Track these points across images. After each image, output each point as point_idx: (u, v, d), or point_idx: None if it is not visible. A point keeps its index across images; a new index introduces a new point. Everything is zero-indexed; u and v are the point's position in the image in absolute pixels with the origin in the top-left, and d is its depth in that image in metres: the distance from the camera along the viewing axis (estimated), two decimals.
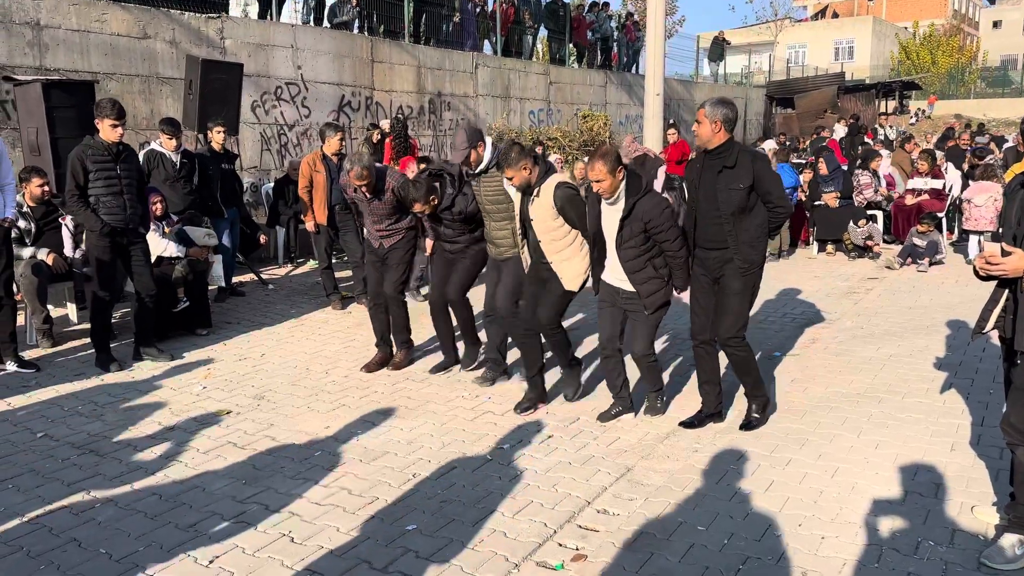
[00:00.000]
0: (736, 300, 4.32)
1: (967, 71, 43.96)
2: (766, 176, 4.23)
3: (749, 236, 4.25)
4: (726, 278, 4.31)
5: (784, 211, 4.32)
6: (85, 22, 8.64)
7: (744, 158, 4.23)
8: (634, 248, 4.35)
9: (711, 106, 4.22)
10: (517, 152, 4.57)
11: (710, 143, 4.24)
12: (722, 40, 25.29)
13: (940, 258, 9.33)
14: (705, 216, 4.29)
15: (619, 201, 4.33)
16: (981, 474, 3.80)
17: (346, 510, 3.53)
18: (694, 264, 4.43)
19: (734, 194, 4.17)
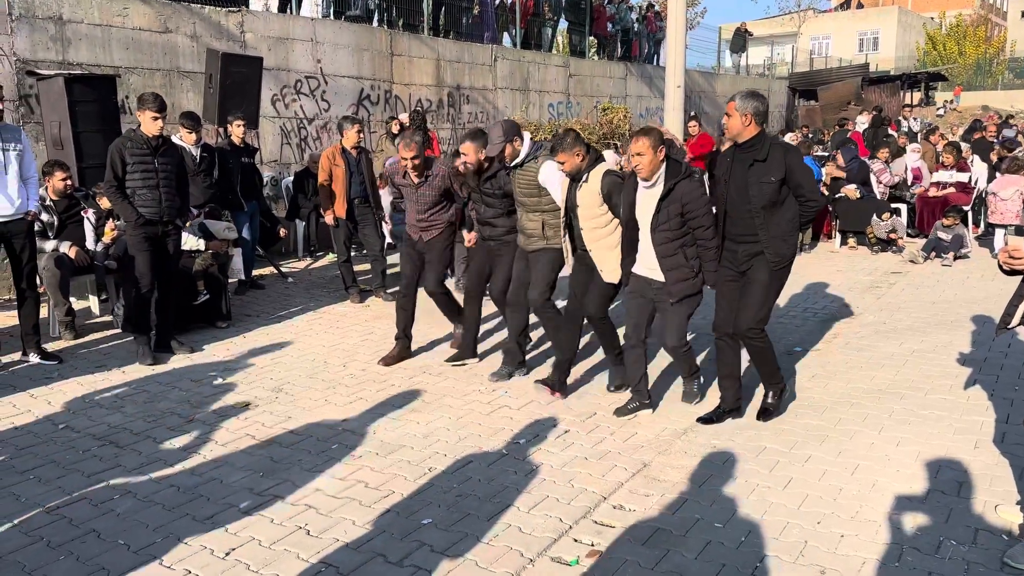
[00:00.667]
0: (761, 292, 4.29)
1: (994, 62, 43.22)
2: (798, 169, 4.19)
3: (780, 230, 4.23)
4: (753, 270, 4.29)
5: (816, 205, 4.28)
6: (107, 17, 8.71)
7: (776, 151, 4.20)
8: (668, 232, 4.36)
9: (741, 99, 4.22)
10: (572, 138, 4.69)
11: (741, 136, 4.24)
12: (744, 31, 25.04)
13: (965, 252, 9.19)
14: (736, 209, 4.27)
15: (657, 184, 4.36)
16: (1005, 472, 3.74)
17: (362, 503, 3.53)
18: (722, 258, 4.41)
19: (765, 187, 4.15)
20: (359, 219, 7.41)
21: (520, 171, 5.08)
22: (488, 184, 5.31)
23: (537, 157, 5.07)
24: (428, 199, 5.63)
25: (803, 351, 5.81)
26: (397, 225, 8.42)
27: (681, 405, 4.73)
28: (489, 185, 5.31)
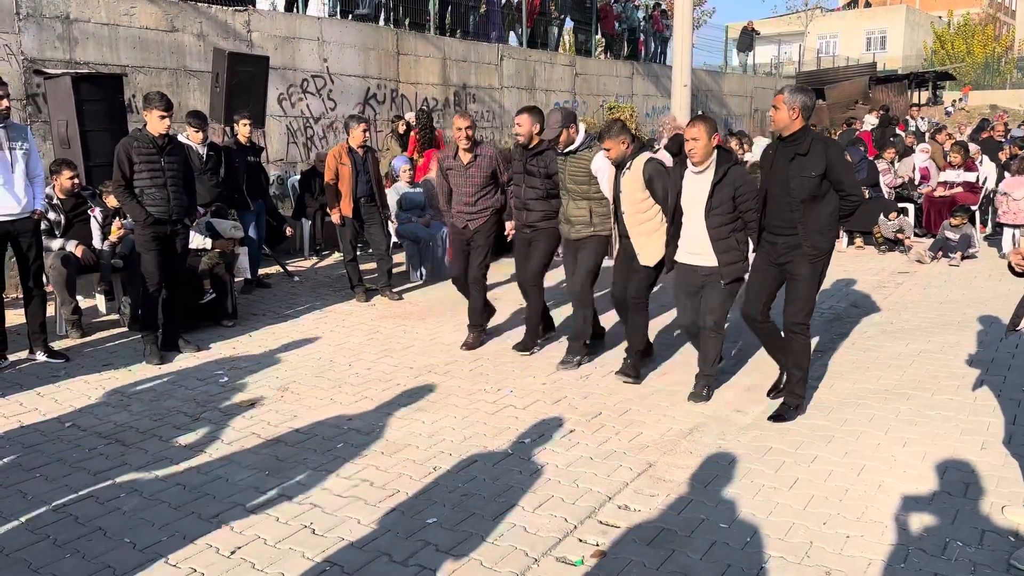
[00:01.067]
0: (804, 287, 4.37)
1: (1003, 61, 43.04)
2: (839, 164, 4.24)
3: (819, 224, 4.29)
4: (794, 264, 4.36)
5: (856, 200, 4.32)
6: (114, 16, 8.73)
7: (817, 146, 4.25)
8: (720, 216, 4.52)
9: (790, 92, 4.31)
10: (619, 127, 4.98)
11: (787, 129, 4.31)
12: (751, 30, 24.96)
13: (973, 252, 9.15)
14: (776, 202, 4.36)
15: (708, 170, 4.54)
16: (1012, 473, 3.72)
17: (367, 502, 3.54)
18: (759, 247, 4.55)
19: (806, 181, 4.22)
20: (365, 218, 7.41)
21: (574, 158, 5.29)
22: (534, 161, 5.50)
23: (591, 147, 5.29)
24: (477, 180, 5.82)
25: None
26: (403, 224, 8.43)
27: (686, 405, 4.72)
28: (535, 162, 5.50)
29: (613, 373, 5.24)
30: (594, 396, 4.89)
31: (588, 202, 5.31)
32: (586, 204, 5.31)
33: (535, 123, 5.43)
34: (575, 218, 5.36)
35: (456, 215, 5.94)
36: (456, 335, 6.31)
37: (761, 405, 4.69)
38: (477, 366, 5.52)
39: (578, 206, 5.33)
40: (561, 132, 5.24)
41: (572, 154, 5.30)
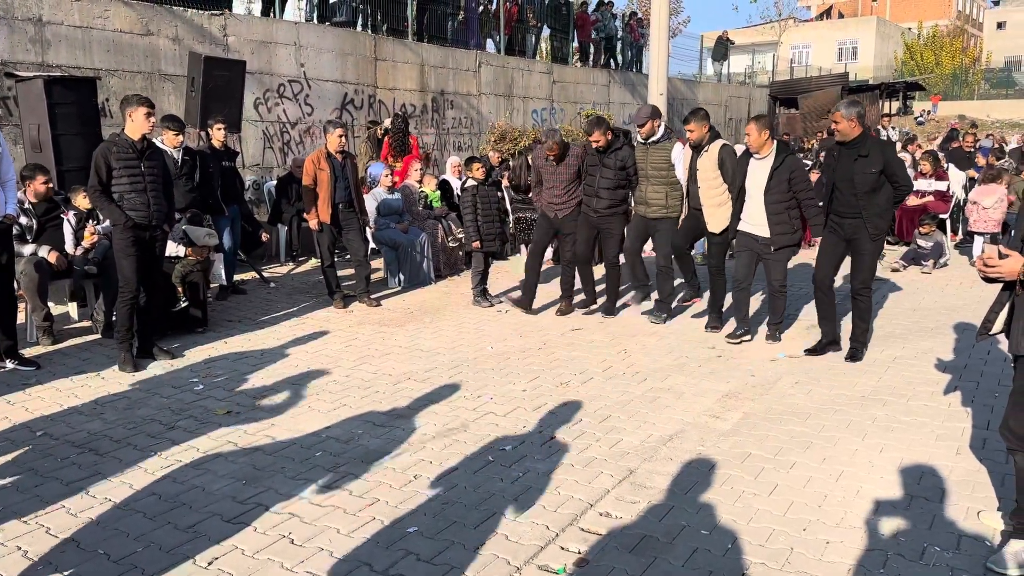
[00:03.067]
0: (868, 258, 5.52)
1: (971, 72, 43.87)
2: (893, 162, 5.32)
3: (879, 209, 5.37)
4: (859, 242, 5.45)
5: (907, 190, 5.44)
6: (87, 19, 8.62)
7: (875, 148, 5.33)
8: (778, 194, 5.67)
9: (847, 107, 5.33)
10: (703, 115, 6.26)
11: (850, 136, 5.33)
12: (726, 40, 25.21)
13: (944, 260, 9.29)
14: (843, 193, 5.42)
15: (768, 157, 5.70)
16: (986, 478, 3.77)
17: (347, 511, 3.50)
18: (827, 228, 5.61)
19: (868, 177, 5.27)
20: (343, 224, 7.37)
21: (656, 147, 6.44)
22: (611, 157, 6.52)
23: (671, 138, 6.44)
24: (565, 176, 6.78)
25: (785, 357, 5.84)
26: (381, 230, 8.39)
27: (666, 412, 4.73)
28: (612, 158, 6.52)
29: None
30: (574, 403, 4.89)
31: (666, 187, 6.41)
32: (664, 189, 6.41)
33: (605, 133, 6.47)
34: (652, 200, 6.49)
35: (545, 208, 7.01)
36: (434, 341, 6.29)
37: (739, 412, 4.72)
38: (457, 373, 5.50)
39: (656, 190, 6.44)
40: (648, 122, 6.32)
41: (655, 144, 6.41)
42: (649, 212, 6.54)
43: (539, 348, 6.11)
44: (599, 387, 5.18)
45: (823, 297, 5.75)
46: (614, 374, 5.46)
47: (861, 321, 5.72)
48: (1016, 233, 3.13)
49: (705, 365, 5.67)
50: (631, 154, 6.58)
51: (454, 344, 6.23)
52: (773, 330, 6.17)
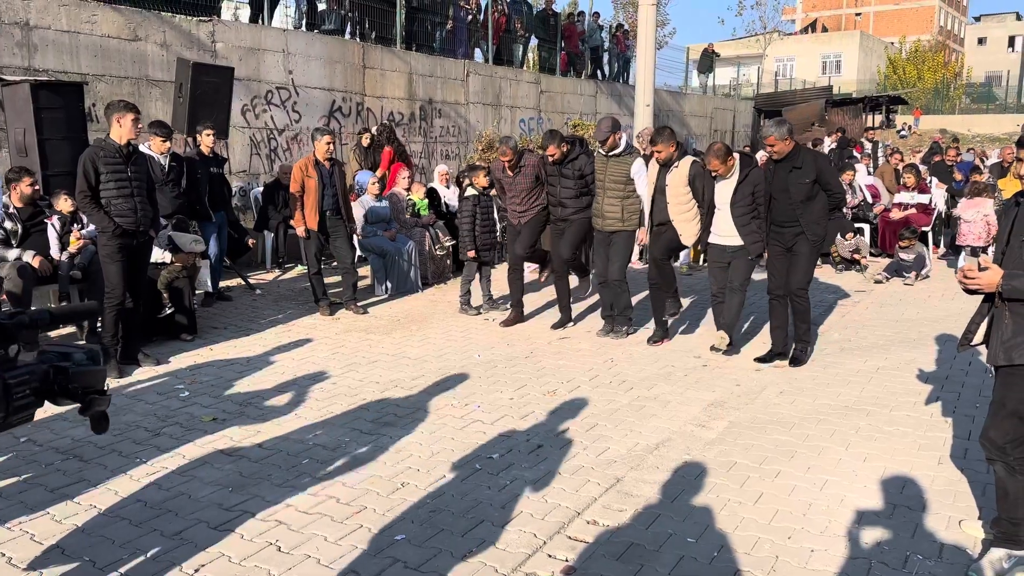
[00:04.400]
0: (805, 262, 5.74)
1: (952, 87, 44.44)
2: (826, 171, 5.64)
3: (815, 216, 5.63)
4: (798, 246, 5.71)
5: (839, 197, 5.74)
6: (75, 23, 8.58)
7: (808, 159, 5.60)
8: (743, 206, 5.91)
9: (776, 127, 5.59)
10: (668, 133, 6.29)
11: (783, 153, 5.58)
12: (711, 52, 25.42)
13: (927, 272, 9.40)
14: (780, 203, 5.68)
15: (733, 176, 5.94)
16: (968, 488, 3.82)
17: (334, 519, 3.50)
18: (770, 238, 5.83)
19: (802, 187, 5.55)
20: (331, 231, 7.37)
21: (616, 160, 6.38)
22: (568, 166, 6.55)
23: (631, 152, 6.47)
24: (523, 186, 6.88)
25: (770, 367, 5.89)
26: (368, 238, 8.39)
27: (652, 421, 4.76)
28: (569, 167, 6.55)
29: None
30: (561, 411, 4.91)
31: (622, 200, 6.39)
32: (619, 202, 6.39)
33: (560, 145, 6.48)
34: (608, 213, 6.45)
35: (510, 216, 7.11)
36: (421, 349, 6.29)
37: (724, 421, 4.76)
38: (444, 381, 5.51)
39: (612, 203, 6.40)
40: (610, 136, 6.30)
41: (616, 156, 6.36)
42: (605, 225, 6.51)
43: (526, 356, 6.13)
44: (586, 396, 5.20)
45: (776, 305, 5.96)
46: (601, 383, 5.49)
47: (801, 322, 5.93)
48: (996, 247, 3.19)
49: (691, 374, 5.71)
50: (588, 162, 6.57)
51: (441, 352, 6.24)
52: (720, 340, 6.22)
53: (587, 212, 6.70)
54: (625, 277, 6.64)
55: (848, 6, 58.50)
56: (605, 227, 6.52)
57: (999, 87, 43.46)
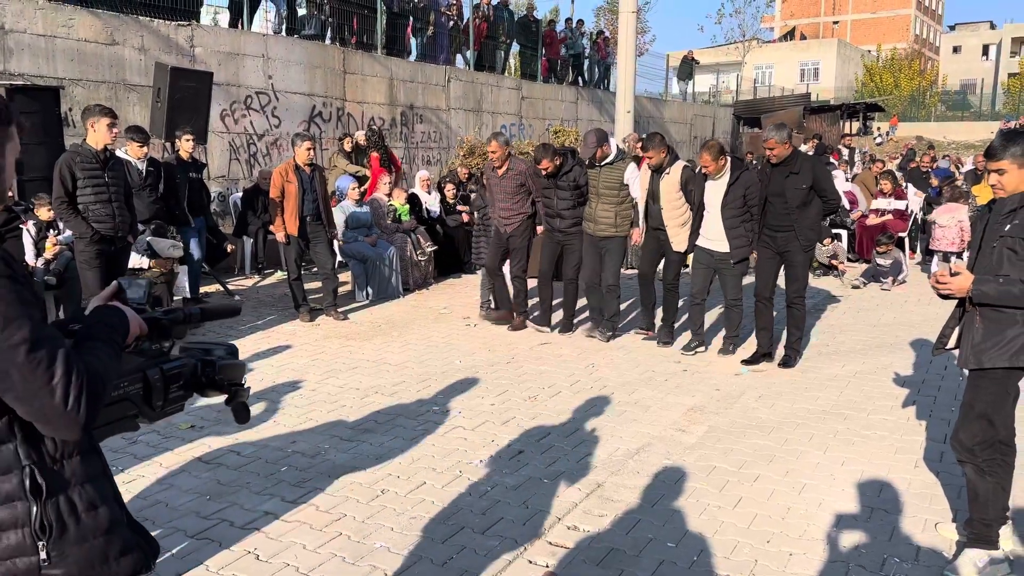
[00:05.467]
0: (801, 269, 5.83)
1: (928, 94, 45.03)
2: (822, 177, 5.67)
3: (809, 221, 5.69)
4: (792, 253, 5.75)
5: (835, 203, 5.86)
6: (51, 27, 8.50)
7: (806, 164, 5.65)
8: (734, 209, 5.91)
9: (776, 131, 5.65)
10: (659, 140, 6.34)
11: (782, 157, 5.62)
12: (691, 59, 25.61)
13: (903, 277, 9.50)
14: (775, 207, 5.69)
15: (723, 177, 5.94)
16: (943, 491, 3.86)
17: (313, 527, 3.47)
18: (762, 240, 5.85)
19: (798, 192, 5.58)
20: (311, 237, 7.33)
21: (609, 168, 6.44)
22: (564, 178, 6.57)
23: (623, 158, 6.54)
24: (509, 187, 6.82)
25: (748, 372, 5.93)
26: (349, 243, 8.37)
27: (633, 426, 4.77)
28: (564, 179, 6.57)
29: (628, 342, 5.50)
30: (542, 416, 4.91)
31: (616, 206, 6.46)
32: (613, 208, 6.46)
33: (553, 159, 6.48)
34: (601, 219, 6.50)
35: (496, 222, 7.03)
36: (402, 355, 6.28)
37: (704, 426, 4.78)
38: (425, 387, 5.49)
39: (606, 209, 6.47)
40: (598, 149, 6.35)
41: (608, 164, 6.43)
42: (597, 231, 6.55)
43: (507, 362, 6.13)
44: (567, 401, 5.21)
45: (763, 308, 6.01)
46: (582, 388, 5.50)
47: (796, 330, 6.01)
48: (969, 252, 3.24)
49: (671, 379, 5.73)
50: (582, 172, 6.61)
51: (422, 358, 6.23)
52: (727, 344, 6.34)
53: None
54: (618, 282, 6.69)
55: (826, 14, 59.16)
56: (597, 232, 6.56)
57: (974, 95, 44.11)
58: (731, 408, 5.12)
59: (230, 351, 1.78)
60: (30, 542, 1.37)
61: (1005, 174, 3.00)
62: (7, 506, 1.36)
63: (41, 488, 1.38)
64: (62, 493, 1.42)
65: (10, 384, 1.30)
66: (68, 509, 1.42)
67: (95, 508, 1.46)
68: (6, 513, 1.36)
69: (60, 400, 1.31)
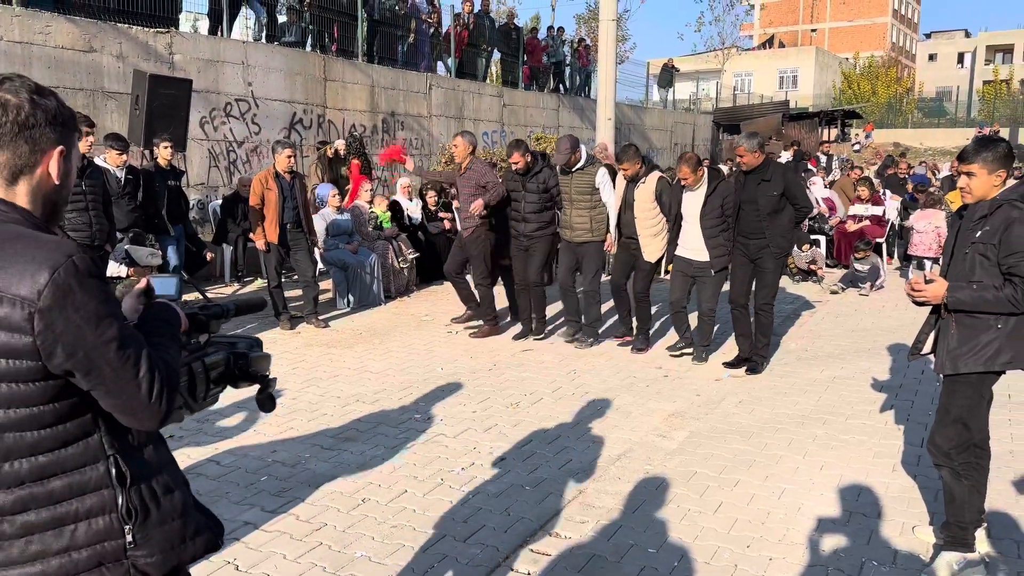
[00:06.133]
0: (771, 276, 5.86)
1: (905, 101, 45.58)
2: (793, 184, 5.74)
3: (781, 229, 5.73)
4: (763, 260, 5.80)
5: (806, 211, 5.92)
6: (28, 34, 8.43)
7: (777, 172, 5.71)
8: (712, 219, 5.96)
9: (747, 139, 5.77)
10: (633, 151, 6.45)
11: (752, 165, 5.70)
12: (671, 67, 25.78)
13: (881, 282, 9.61)
14: (748, 215, 5.75)
15: (701, 188, 5.99)
16: (921, 494, 3.90)
17: (293, 537, 3.45)
18: (737, 248, 5.89)
19: (770, 199, 5.63)
20: (291, 244, 7.30)
21: (580, 174, 6.50)
22: (532, 180, 6.59)
23: (594, 164, 6.57)
24: (467, 187, 6.79)
25: (728, 377, 5.96)
26: (330, 251, 8.33)
27: (614, 432, 4.79)
28: (533, 181, 6.60)
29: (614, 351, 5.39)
30: (525, 423, 4.92)
31: (590, 211, 6.51)
32: (587, 214, 6.51)
33: (524, 154, 6.53)
34: (577, 224, 6.56)
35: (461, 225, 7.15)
36: (384, 363, 6.26)
37: (685, 431, 4.80)
38: (406, 394, 5.48)
39: (580, 215, 6.53)
40: (571, 155, 6.40)
41: (579, 170, 6.48)
42: (574, 236, 6.62)
43: (489, 369, 6.13)
44: (549, 408, 5.22)
45: (739, 315, 6.07)
46: (563, 395, 5.51)
47: (763, 336, 6.04)
48: (943, 259, 3.28)
49: (652, 385, 5.75)
50: (552, 175, 6.66)
51: (404, 365, 6.21)
52: (700, 351, 6.35)
53: (550, 228, 6.77)
54: (599, 288, 6.73)
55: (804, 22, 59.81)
56: (574, 238, 6.61)
57: (949, 102, 44.71)
58: (711, 413, 5.14)
59: (256, 343, 1.83)
60: (117, 526, 1.46)
61: (974, 177, 3.05)
62: (95, 493, 1.44)
63: (125, 475, 1.47)
64: (143, 480, 1.51)
65: (101, 379, 1.38)
66: (149, 494, 1.51)
67: (171, 492, 1.56)
68: (94, 500, 1.44)
69: (146, 393, 1.41)
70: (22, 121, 1.44)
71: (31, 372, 1.36)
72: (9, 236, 1.39)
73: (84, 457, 1.44)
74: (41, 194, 1.51)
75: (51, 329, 1.34)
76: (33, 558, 1.40)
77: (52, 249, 1.37)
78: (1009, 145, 3.13)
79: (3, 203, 1.45)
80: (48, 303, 1.33)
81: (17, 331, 1.33)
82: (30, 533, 1.40)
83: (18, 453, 1.39)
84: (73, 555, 1.42)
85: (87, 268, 1.39)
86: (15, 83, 1.45)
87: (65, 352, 1.35)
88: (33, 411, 1.38)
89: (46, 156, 1.49)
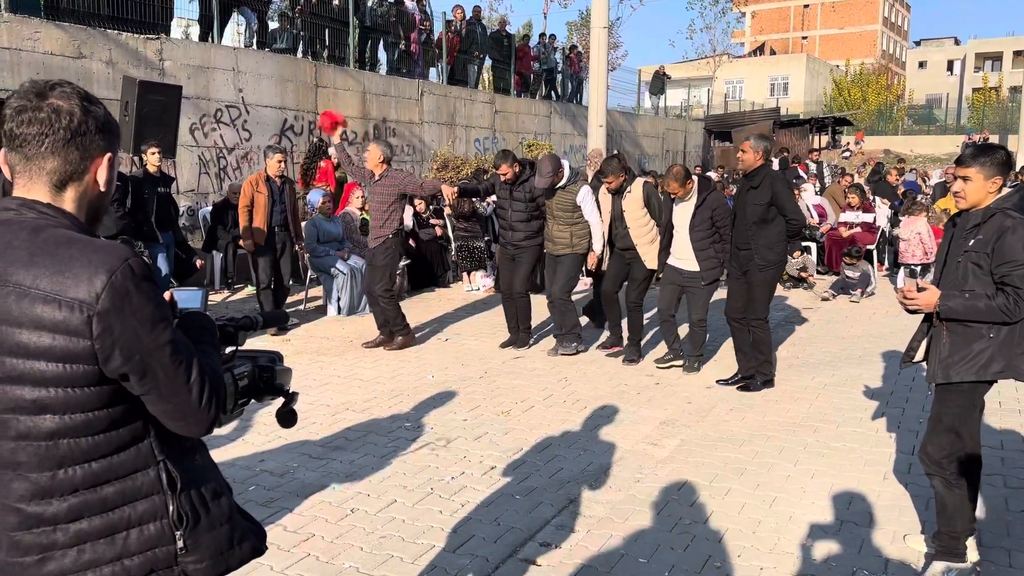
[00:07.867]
0: (758, 291, 5.60)
1: (895, 108, 45.84)
2: (781, 193, 5.46)
3: (767, 240, 5.49)
4: (750, 274, 5.57)
5: (796, 222, 5.57)
6: (16, 40, 8.38)
7: (766, 180, 5.46)
8: (702, 230, 5.90)
9: (755, 139, 5.58)
10: (616, 164, 6.44)
11: (751, 167, 5.53)
12: (663, 74, 25.85)
13: (872, 289, 9.63)
14: (739, 224, 5.60)
15: (691, 199, 5.95)
16: (912, 502, 3.89)
17: (280, 547, 3.41)
18: (731, 259, 5.73)
19: (757, 208, 5.45)
20: (277, 247, 7.32)
21: (563, 192, 6.52)
22: (520, 189, 6.63)
23: (576, 181, 6.61)
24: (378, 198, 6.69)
25: (720, 384, 5.95)
26: (320, 257, 8.30)
27: (605, 440, 4.77)
28: (520, 190, 6.64)
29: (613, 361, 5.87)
30: (515, 432, 4.89)
31: (570, 227, 6.57)
32: (568, 228, 6.57)
33: (512, 164, 6.54)
34: (558, 239, 6.63)
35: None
36: (374, 370, 6.22)
37: (676, 439, 4.78)
38: (396, 403, 5.45)
39: (561, 229, 6.59)
40: (552, 180, 6.39)
41: (562, 189, 6.50)
42: (555, 249, 6.67)
43: (480, 377, 6.10)
44: (540, 416, 5.19)
45: (735, 329, 5.89)
46: (555, 402, 5.49)
47: (759, 353, 5.78)
48: (935, 267, 3.28)
49: (643, 393, 5.74)
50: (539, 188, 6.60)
51: (394, 373, 6.18)
52: (692, 362, 6.27)
53: (538, 238, 6.76)
54: (569, 296, 6.70)
55: (795, 30, 60.16)
56: (555, 251, 6.69)
57: (939, 109, 44.95)
58: (702, 421, 5.13)
59: (278, 358, 1.81)
60: (168, 532, 1.46)
61: (969, 182, 3.05)
62: (146, 499, 1.45)
63: (176, 481, 1.48)
64: (192, 485, 1.51)
65: (155, 383, 1.39)
66: (199, 500, 1.52)
67: (219, 497, 1.57)
68: (146, 506, 1.45)
69: (196, 398, 1.43)
70: (75, 128, 1.44)
71: (87, 376, 1.35)
72: (62, 240, 1.38)
73: (135, 463, 1.44)
74: (87, 201, 1.51)
75: (109, 332, 1.33)
76: (86, 567, 1.40)
77: (108, 252, 1.37)
78: (1007, 152, 3.13)
79: (52, 208, 1.44)
80: (106, 306, 1.33)
81: (75, 335, 1.33)
82: (83, 542, 1.40)
83: (72, 460, 1.38)
84: (125, 562, 1.42)
85: (142, 271, 1.39)
86: (66, 90, 1.45)
87: (123, 355, 1.35)
88: (89, 416, 1.38)
89: (95, 163, 1.50)
